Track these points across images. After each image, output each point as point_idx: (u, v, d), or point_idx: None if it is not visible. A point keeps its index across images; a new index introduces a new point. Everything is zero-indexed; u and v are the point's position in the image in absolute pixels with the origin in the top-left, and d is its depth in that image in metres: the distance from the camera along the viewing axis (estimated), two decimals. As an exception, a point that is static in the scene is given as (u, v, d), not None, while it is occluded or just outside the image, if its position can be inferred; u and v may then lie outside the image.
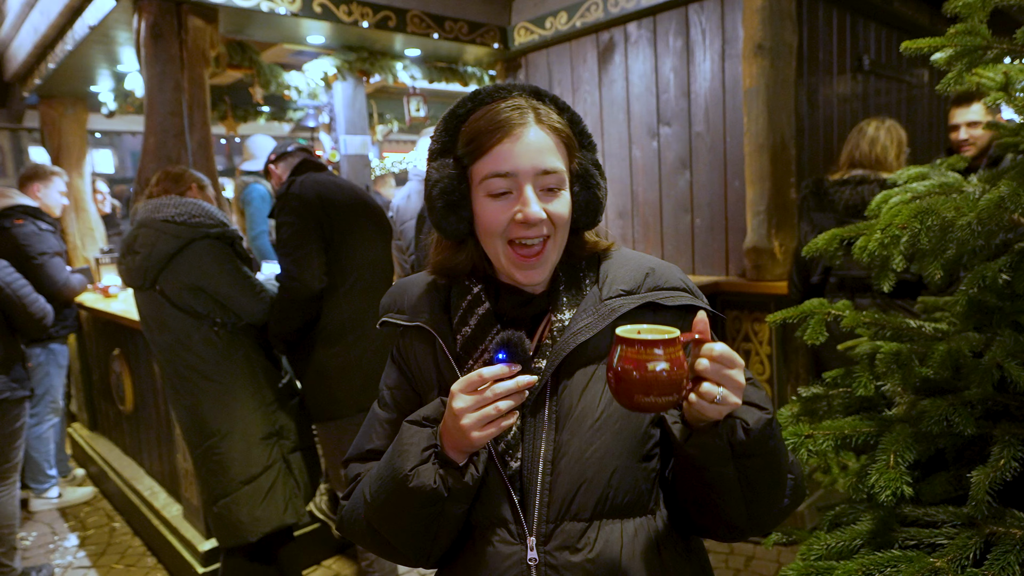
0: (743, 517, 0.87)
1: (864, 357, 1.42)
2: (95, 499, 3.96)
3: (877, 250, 1.25)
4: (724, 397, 0.76)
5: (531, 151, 0.87)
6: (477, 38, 3.91)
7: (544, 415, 0.90)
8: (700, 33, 3.26)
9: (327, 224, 2.30)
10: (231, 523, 2.31)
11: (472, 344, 0.92)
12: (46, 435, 3.79)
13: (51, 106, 4.60)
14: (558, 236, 0.91)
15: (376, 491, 0.90)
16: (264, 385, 2.38)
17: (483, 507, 0.91)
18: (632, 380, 0.74)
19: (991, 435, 1.17)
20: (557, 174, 0.89)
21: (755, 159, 3.04)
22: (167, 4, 2.86)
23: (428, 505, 0.86)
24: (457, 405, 0.81)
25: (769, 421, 0.81)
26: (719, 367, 0.75)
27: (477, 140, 0.89)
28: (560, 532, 0.88)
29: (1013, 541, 1.07)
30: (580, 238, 0.97)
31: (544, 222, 0.88)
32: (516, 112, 0.88)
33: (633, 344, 0.74)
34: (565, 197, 0.91)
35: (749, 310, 3.15)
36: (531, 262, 0.90)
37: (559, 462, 0.89)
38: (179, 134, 2.91)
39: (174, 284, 2.25)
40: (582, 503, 0.88)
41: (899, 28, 3.93)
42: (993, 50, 1.27)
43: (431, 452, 0.86)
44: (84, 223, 4.73)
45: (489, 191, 0.89)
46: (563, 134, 0.91)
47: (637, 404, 0.75)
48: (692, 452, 0.81)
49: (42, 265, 3.45)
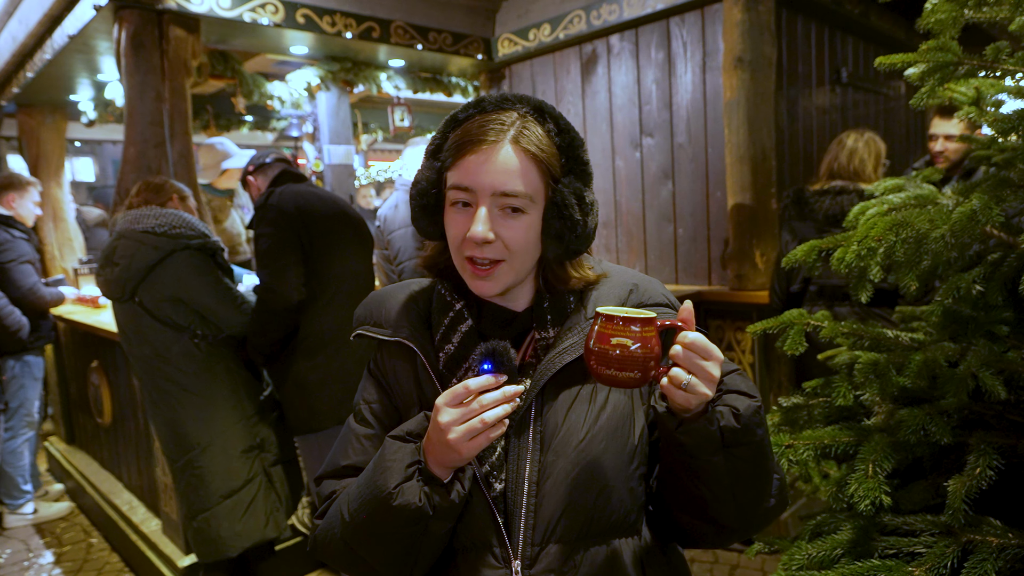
0: (731, 514, 0.86)
1: (843, 367, 1.43)
2: (71, 514, 3.88)
3: (854, 262, 1.27)
4: (691, 384, 0.76)
5: (494, 170, 0.84)
6: (461, 49, 3.92)
7: (529, 436, 0.89)
8: (681, 46, 3.30)
9: (306, 235, 2.29)
10: (211, 538, 2.28)
11: (455, 362, 0.91)
12: (20, 449, 3.71)
13: (29, 115, 4.54)
14: (515, 261, 0.87)
15: (356, 509, 0.87)
16: (245, 397, 2.36)
17: (467, 530, 0.89)
18: (602, 355, 0.78)
19: (967, 444, 1.19)
20: (518, 197, 0.85)
21: (736, 170, 3.07)
22: (148, 14, 2.84)
23: (412, 524, 0.84)
24: (443, 419, 0.80)
25: (758, 408, 0.81)
26: (691, 355, 0.76)
27: (453, 148, 0.87)
28: (545, 555, 0.87)
29: (990, 549, 1.08)
30: (563, 271, 0.92)
31: (494, 244, 0.85)
32: (496, 128, 0.85)
33: (609, 320, 0.78)
34: (525, 221, 0.86)
35: (732, 319, 3.17)
36: (481, 273, 0.87)
37: (544, 484, 0.88)
38: (160, 144, 2.89)
39: (154, 296, 2.23)
40: (568, 525, 0.88)
41: (876, 42, 4.00)
42: (964, 66, 1.30)
43: (415, 469, 0.84)
44: (62, 233, 4.67)
45: (452, 201, 0.88)
46: (541, 159, 0.86)
47: (601, 377, 0.79)
48: (683, 440, 0.80)
49: (8, 271, 3.40)
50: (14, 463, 3.69)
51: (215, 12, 2.97)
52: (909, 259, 1.24)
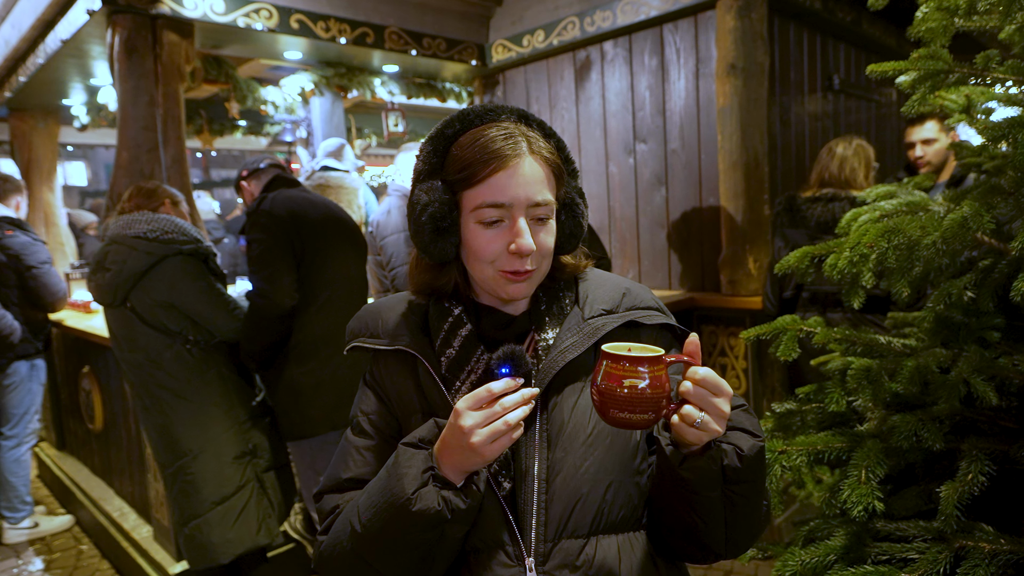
0: (721, 541, 0.88)
1: (836, 373, 1.44)
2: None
3: (847, 268, 1.27)
4: (705, 422, 0.76)
5: (525, 183, 0.87)
6: (455, 55, 3.93)
7: (536, 434, 0.90)
8: (675, 52, 3.31)
9: (298, 241, 2.28)
10: (202, 545, 2.27)
11: (458, 366, 0.92)
12: (24, 458, 3.57)
13: (21, 119, 4.52)
14: (543, 264, 0.92)
15: (370, 519, 0.86)
16: (237, 403, 2.35)
17: (478, 530, 0.89)
18: (612, 396, 0.75)
19: (959, 450, 1.19)
20: (548, 205, 0.90)
21: (729, 176, 3.08)
22: (142, 19, 2.83)
23: (430, 529, 0.83)
24: (466, 423, 0.80)
25: (761, 448, 0.83)
26: (702, 392, 0.76)
27: (471, 168, 0.88)
28: (558, 551, 0.88)
29: (982, 555, 1.08)
30: (560, 261, 0.98)
31: (534, 254, 0.89)
32: (509, 142, 0.88)
33: (617, 360, 0.76)
34: (552, 226, 0.92)
35: (725, 325, 3.18)
36: (520, 277, 0.90)
37: (554, 480, 0.89)
38: (153, 149, 2.88)
39: (145, 301, 2.22)
40: (579, 520, 0.88)
41: (867, 49, 4.03)
42: (955, 74, 1.31)
43: (429, 475, 0.84)
44: (54, 238, 4.64)
45: (481, 219, 0.89)
46: (553, 164, 0.91)
47: (614, 419, 0.76)
48: (686, 476, 0.81)
49: (45, 274, 3.35)
50: (18, 472, 3.56)
51: (209, 17, 2.97)
52: (901, 265, 1.25)
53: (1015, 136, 1.18)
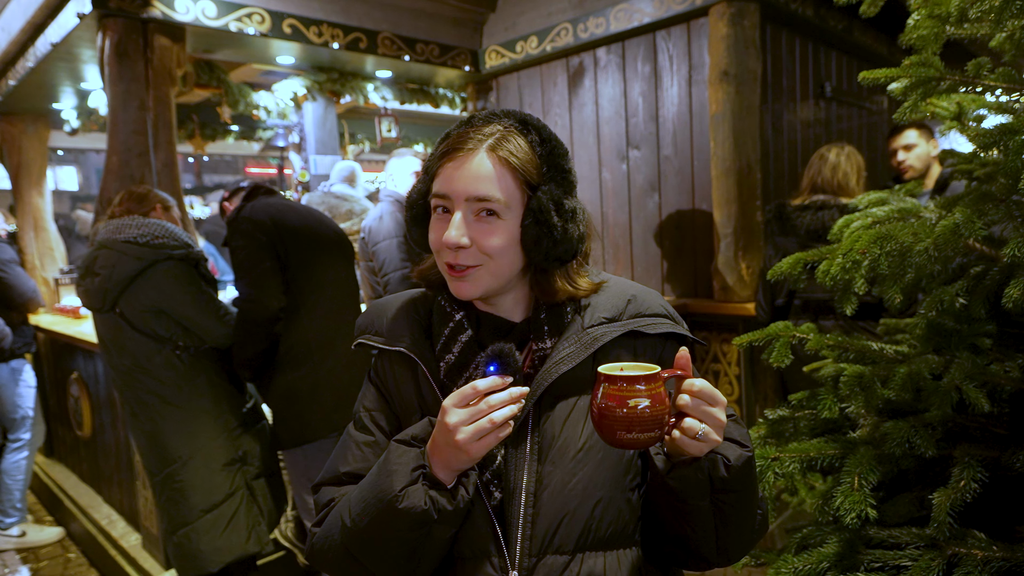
0: (712, 550, 0.88)
1: (828, 379, 1.44)
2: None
3: (839, 274, 1.27)
4: (706, 434, 0.76)
5: (468, 176, 0.87)
6: (448, 61, 3.93)
7: (526, 446, 0.89)
8: (668, 59, 3.33)
9: (281, 244, 2.27)
10: (191, 553, 2.24)
11: (457, 371, 0.92)
12: (23, 463, 3.51)
13: (11, 123, 4.49)
14: (492, 266, 0.89)
15: (359, 514, 0.87)
16: (227, 410, 2.33)
17: (466, 539, 0.89)
18: (615, 417, 0.74)
19: (951, 456, 1.19)
20: (491, 202, 0.86)
21: (722, 182, 3.09)
22: (133, 22, 2.82)
23: (416, 528, 0.83)
24: (451, 420, 0.80)
25: (750, 459, 0.82)
26: (700, 403, 0.76)
27: (436, 159, 0.92)
28: (543, 566, 0.87)
29: (975, 562, 1.08)
30: (547, 282, 0.92)
31: (469, 250, 0.87)
32: (476, 138, 0.88)
33: (615, 381, 0.75)
34: (501, 227, 0.88)
35: (718, 331, 3.18)
36: (455, 273, 0.89)
37: (542, 494, 0.88)
38: (143, 153, 2.86)
39: (135, 307, 2.20)
40: (565, 536, 0.88)
41: (859, 56, 4.06)
42: (946, 81, 1.32)
43: (420, 473, 0.84)
44: (43, 242, 4.61)
45: (433, 207, 0.92)
46: (516, 166, 0.87)
47: (620, 441, 0.75)
48: (674, 485, 0.82)
49: (12, 276, 3.32)
50: (16, 476, 3.51)
51: (201, 21, 2.96)
52: (893, 272, 1.25)
53: (1006, 143, 1.18)
